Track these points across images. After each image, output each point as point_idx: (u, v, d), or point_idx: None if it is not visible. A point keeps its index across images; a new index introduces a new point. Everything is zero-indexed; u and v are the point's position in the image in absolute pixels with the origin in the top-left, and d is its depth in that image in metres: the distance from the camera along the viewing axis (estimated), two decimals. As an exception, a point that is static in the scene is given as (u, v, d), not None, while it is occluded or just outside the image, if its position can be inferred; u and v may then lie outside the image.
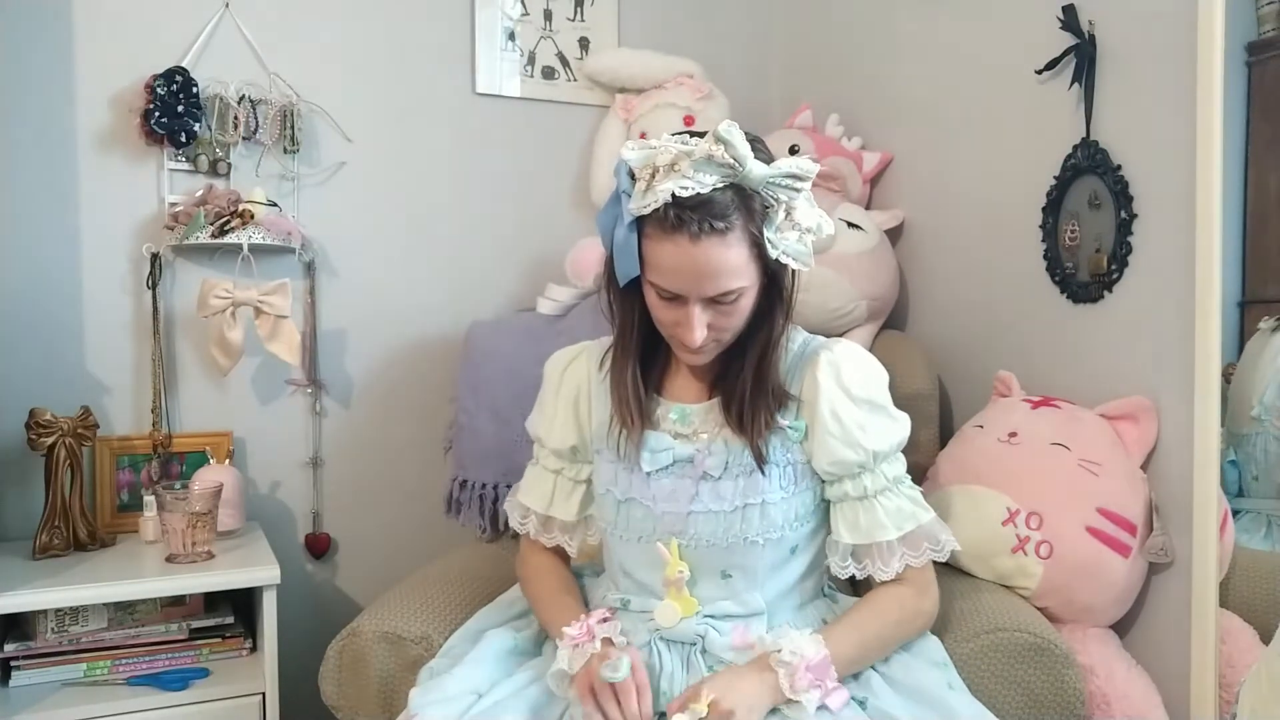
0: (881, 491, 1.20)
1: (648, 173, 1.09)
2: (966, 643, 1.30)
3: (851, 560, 1.21)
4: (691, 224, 1.07)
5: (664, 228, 1.09)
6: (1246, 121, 1.39)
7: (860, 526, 1.20)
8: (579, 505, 1.33)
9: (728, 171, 1.07)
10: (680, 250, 1.09)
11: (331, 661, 1.40)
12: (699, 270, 1.09)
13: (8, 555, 1.67)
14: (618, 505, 1.24)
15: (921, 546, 1.20)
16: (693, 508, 1.19)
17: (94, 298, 1.85)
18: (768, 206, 1.11)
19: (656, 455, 1.22)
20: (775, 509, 1.19)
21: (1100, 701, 1.39)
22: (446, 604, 1.42)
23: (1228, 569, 1.40)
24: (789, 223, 1.12)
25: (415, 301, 2.09)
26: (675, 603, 1.19)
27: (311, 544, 2.03)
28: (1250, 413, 1.39)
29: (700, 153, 1.07)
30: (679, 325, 1.15)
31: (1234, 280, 1.39)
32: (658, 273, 1.12)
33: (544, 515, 1.34)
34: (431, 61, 2.09)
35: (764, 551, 1.19)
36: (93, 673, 1.60)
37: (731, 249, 1.09)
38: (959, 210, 1.90)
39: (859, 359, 1.24)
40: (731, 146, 1.06)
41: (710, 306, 1.13)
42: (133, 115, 1.83)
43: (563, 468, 1.33)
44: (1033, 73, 1.67)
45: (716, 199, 1.08)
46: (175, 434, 1.89)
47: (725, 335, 1.17)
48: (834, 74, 2.25)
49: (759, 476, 1.19)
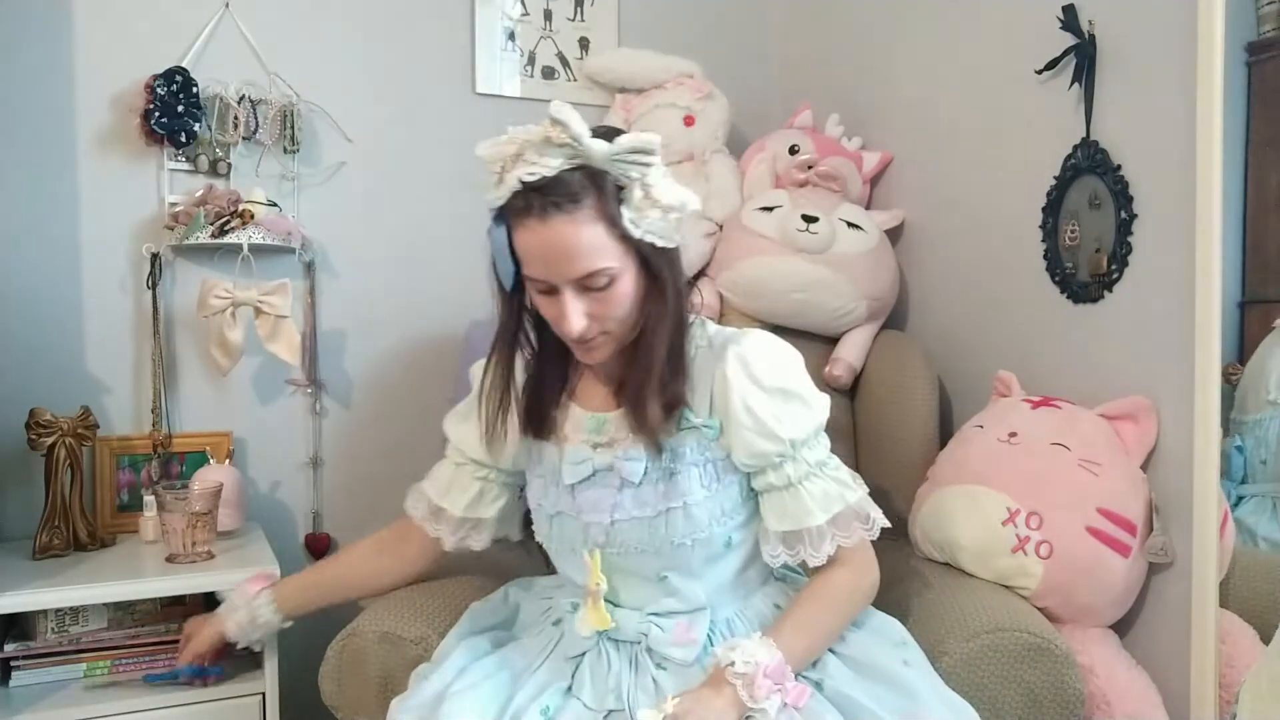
0: (805, 477, 1.18)
1: (498, 166, 1.10)
2: (966, 643, 1.30)
3: (783, 547, 1.19)
4: (535, 205, 1.08)
5: (517, 214, 1.10)
6: (1246, 122, 1.39)
7: (788, 513, 1.19)
8: (469, 502, 1.34)
9: (569, 152, 1.08)
10: (533, 234, 1.10)
11: (331, 661, 1.40)
12: (554, 250, 1.10)
13: (8, 555, 1.67)
14: (549, 519, 1.26)
15: (852, 526, 1.19)
16: (616, 516, 1.19)
17: (94, 298, 1.85)
18: (621, 186, 1.11)
19: (577, 467, 1.22)
20: (699, 509, 1.18)
21: (1100, 701, 1.39)
22: (446, 604, 1.42)
23: (1228, 569, 1.40)
24: (648, 201, 1.12)
25: (415, 301, 2.09)
26: (590, 614, 1.20)
27: (311, 544, 2.03)
28: (1267, 396, 1.39)
29: (538, 136, 1.08)
30: (561, 319, 1.14)
31: (1234, 280, 1.39)
32: (525, 263, 1.13)
33: (435, 505, 1.36)
34: (431, 61, 2.09)
35: (694, 551, 1.19)
36: (93, 673, 1.59)
37: (583, 227, 1.09)
38: (959, 210, 1.90)
39: (767, 348, 1.22)
40: (566, 126, 1.06)
41: (584, 294, 1.13)
42: (133, 115, 1.83)
43: (465, 463, 1.35)
44: (1033, 73, 1.67)
45: (564, 179, 1.08)
46: (175, 434, 1.89)
47: (611, 324, 1.15)
48: (834, 74, 2.25)
49: (679, 479, 1.18)
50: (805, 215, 1.86)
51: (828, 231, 1.86)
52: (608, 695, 1.17)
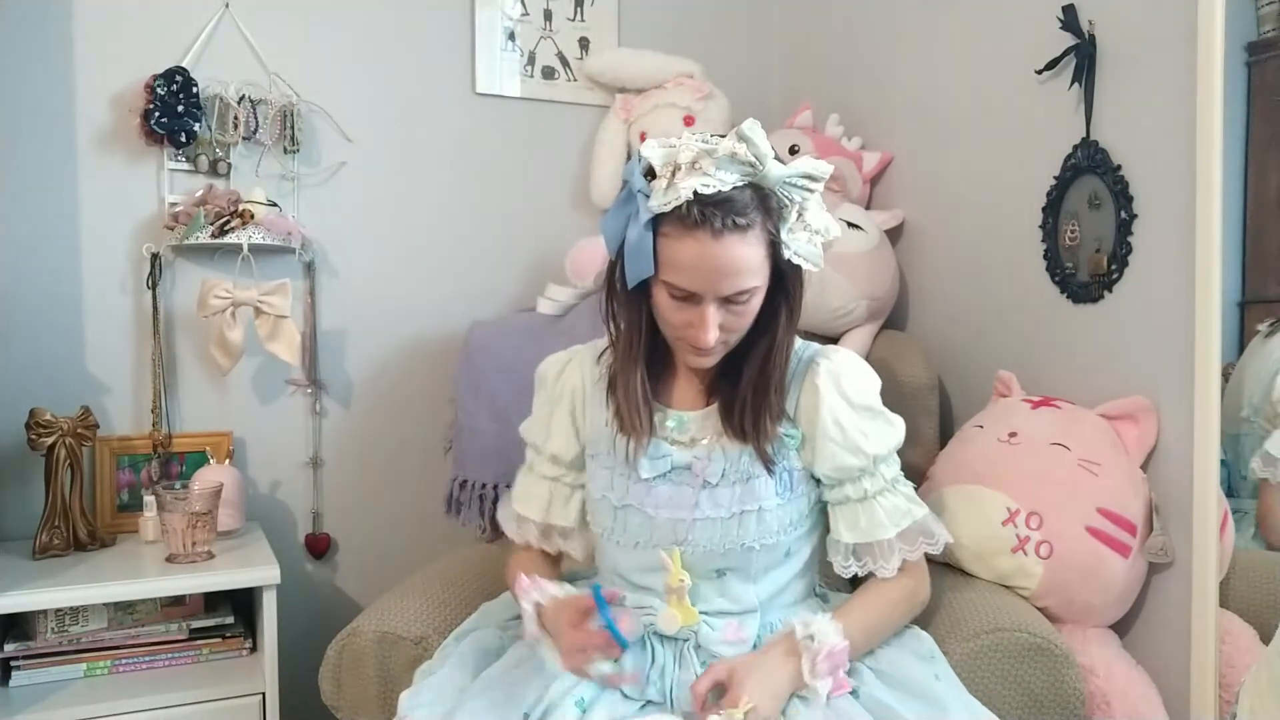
0: (880, 492, 1.22)
1: (669, 170, 1.09)
2: (966, 643, 1.30)
3: (853, 559, 1.24)
4: (715, 220, 1.08)
5: (685, 225, 1.09)
6: (1246, 121, 1.39)
7: (860, 526, 1.22)
8: (578, 511, 1.33)
9: (748, 170, 1.09)
10: (702, 247, 1.09)
11: (331, 661, 1.40)
12: (719, 268, 1.10)
13: (8, 555, 1.67)
14: (614, 511, 1.25)
15: (917, 541, 1.23)
16: (693, 515, 1.20)
17: (94, 298, 1.85)
18: (783, 207, 1.12)
19: (655, 462, 1.22)
20: (772, 515, 1.20)
21: (1100, 701, 1.39)
22: (446, 604, 1.42)
23: (1228, 569, 1.40)
24: (801, 224, 1.14)
25: (415, 301, 2.09)
26: (676, 611, 1.19)
27: (311, 544, 2.03)
28: (1241, 413, 1.39)
29: (723, 150, 1.08)
30: (691, 326, 1.15)
31: (1234, 280, 1.39)
32: (675, 271, 1.12)
33: (544, 524, 1.33)
34: (431, 61, 2.09)
35: (759, 555, 1.21)
36: (93, 673, 1.60)
37: (750, 247, 1.10)
38: (959, 210, 1.90)
39: (857, 367, 1.26)
40: (754, 145, 1.07)
41: (723, 306, 1.14)
42: (133, 115, 1.83)
43: (560, 474, 1.33)
44: (1033, 73, 1.66)
45: (737, 197, 1.09)
46: (175, 434, 1.90)
47: (732, 337, 1.18)
48: (834, 74, 2.25)
49: (755, 483, 1.20)
50: (805, 215, 1.86)
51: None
52: (649, 687, 1.17)
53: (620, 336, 1.24)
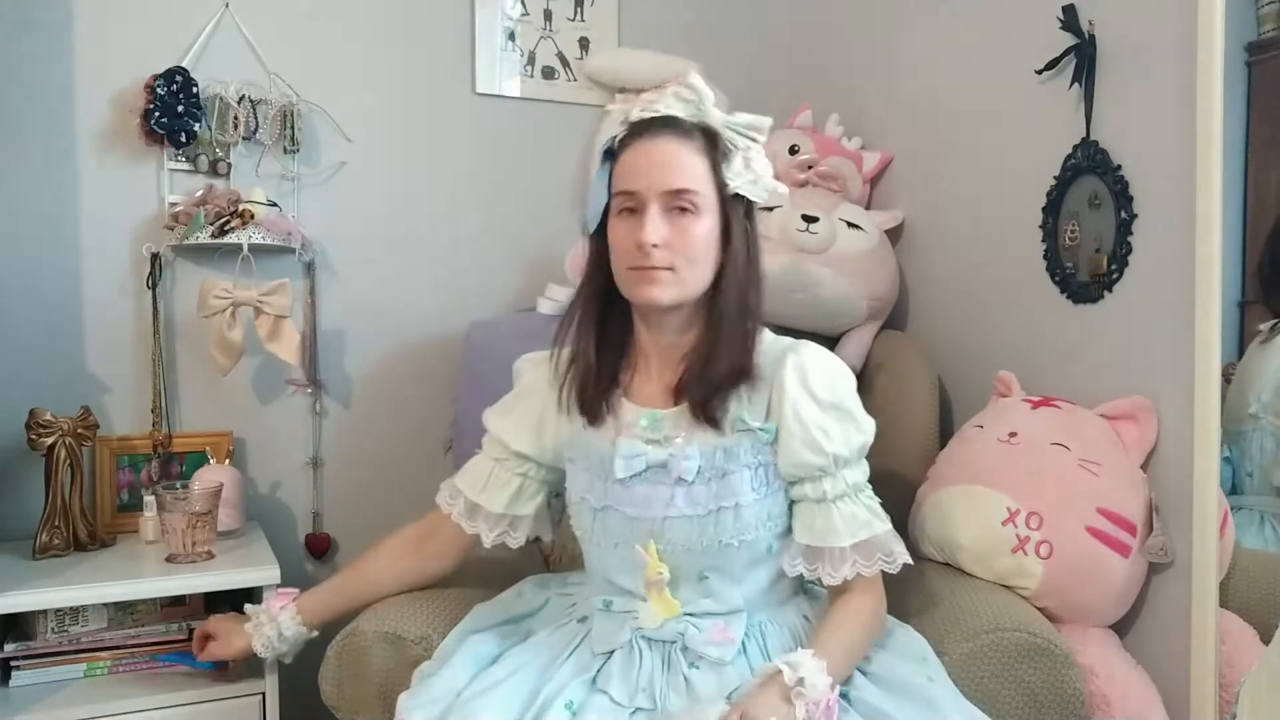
0: (840, 497, 1.20)
1: (621, 117, 1.22)
2: (966, 643, 1.30)
3: (802, 560, 1.21)
4: (650, 128, 1.19)
5: (627, 140, 1.21)
6: (1246, 121, 1.39)
7: (815, 529, 1.20)
8: (509, 499, 1.35)
9: (691, 109, 1.20)
10: (640, 151, 1.19)
11: (331, 661, 1.40)
12: (654, 161, 1.18)
13: (8, 555, 1.67)
14: (594, 514, 1.25)
15: (874, 557, 1.20)
16: (668, 512, 1.20)
17: (94, 298, 1.85)
18: (727, 152, 1.20)
19: (630, 461, 1.22)
20: (748, 511, 1.19)
21: (1100, 701, 1.39)
22: (446, 605, 1.42)
23: (1228, 569, 1.40)
24: (744, 164, 1.21)
25: (415, 301, 2.09)
26: (657, 605, 1.19)
27: (311, 544, 2.03)
28: (1248, 410, 1.39)
29: (669, 92, 1.21)
30: (638, 231, 1.17)
31: (1234, 280, 1.39)
32: (621, 180, 1.20)
33: (472, 502, 1.36)
34: (431, 61, 2.09)
35: (739, 553, 1.20)
36: (93, 673, 1.60)
37: (686, 149, 1.18)
38: (959, 210, 1.90)
39: (825, 362, 1.24)
40: (695, 89, 1.20)
41: (667, 214, 1.17)
42: (133, 115, 1.83)
43: (505, 459, 1.35)
44: (1033, 73, 1.67)
45: (681, 120, 1.20)
46: (175, 434, 1.89)
47: (680, 261, 1.17)
48: (834, 74, 2.25)
49: (731, 479, 1.19)
50: (805, 215, 1.86)
51: (828, 231, 1.86)
52: (638, 693, 1.17)
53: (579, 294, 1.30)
